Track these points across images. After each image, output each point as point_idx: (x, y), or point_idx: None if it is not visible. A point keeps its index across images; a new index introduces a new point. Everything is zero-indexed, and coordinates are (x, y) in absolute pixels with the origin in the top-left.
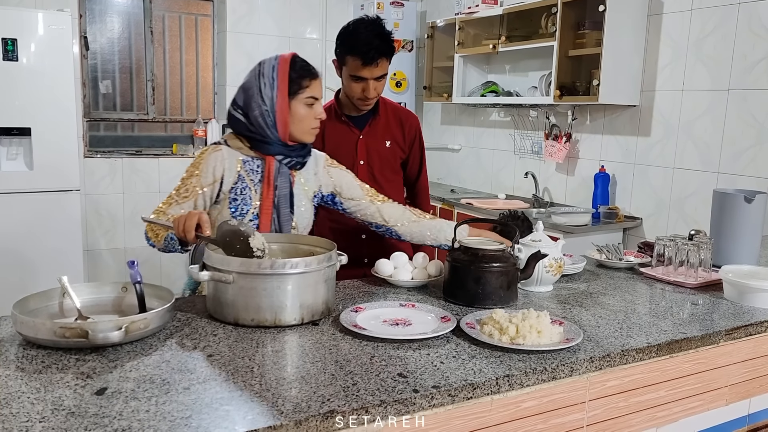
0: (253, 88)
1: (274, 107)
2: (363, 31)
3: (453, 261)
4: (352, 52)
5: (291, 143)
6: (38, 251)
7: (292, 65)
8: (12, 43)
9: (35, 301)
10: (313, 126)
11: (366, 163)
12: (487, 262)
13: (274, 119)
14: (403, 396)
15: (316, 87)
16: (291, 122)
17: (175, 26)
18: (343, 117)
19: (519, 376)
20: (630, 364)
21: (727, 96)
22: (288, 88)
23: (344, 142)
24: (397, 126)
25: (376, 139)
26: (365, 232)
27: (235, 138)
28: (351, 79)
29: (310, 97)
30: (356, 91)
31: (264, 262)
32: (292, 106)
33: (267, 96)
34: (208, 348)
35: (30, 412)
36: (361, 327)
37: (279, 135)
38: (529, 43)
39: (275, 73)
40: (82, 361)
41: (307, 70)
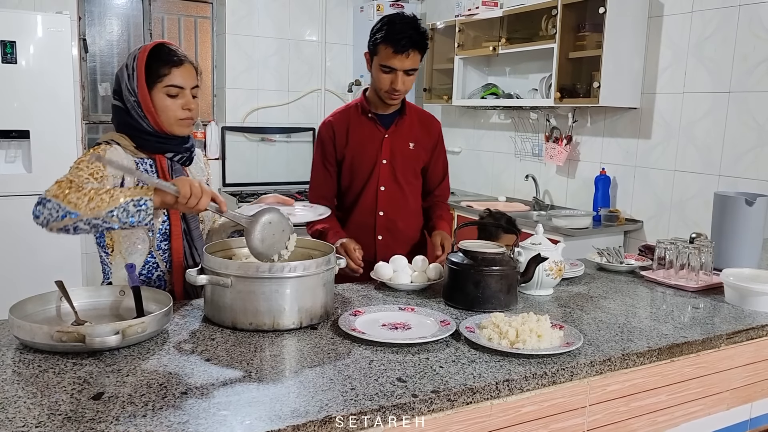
0: (122, 77)
1: (138, 99)
2: (398, 22)
3: (453, 264)
4: (384, 40)
5: (170, 135)
6: (36, 254)
7: (153, 54)
8: (11, 46)
9: (32, 304)
10: (180, 117)
11: (389, 162)
12: (487, 266)
13: (142, 110)
14: (402, 401)
15: (179, 75)
16: (156, 114)
17: (174, 28)
18: (369, 114)
19: (519, 381)
20: (631, 368)
21: (727, 98)
22: (146, 78)
23: (369, 139)
24: (421, 129)
25: (401, 140)
26: (381, 233)
27: (121, 137)
28: (381, 69)
29: (171, 86)
30: (385, 83)
31: (262, 265)
32: (153, 97)
33: (131, 87)
34: (206, 352)
35: (26, 417)
36: (360, 331)
37: (153, 127)
38: (530, 45)
39: (135, 62)
40: (79, 365)
41: (169, 58)
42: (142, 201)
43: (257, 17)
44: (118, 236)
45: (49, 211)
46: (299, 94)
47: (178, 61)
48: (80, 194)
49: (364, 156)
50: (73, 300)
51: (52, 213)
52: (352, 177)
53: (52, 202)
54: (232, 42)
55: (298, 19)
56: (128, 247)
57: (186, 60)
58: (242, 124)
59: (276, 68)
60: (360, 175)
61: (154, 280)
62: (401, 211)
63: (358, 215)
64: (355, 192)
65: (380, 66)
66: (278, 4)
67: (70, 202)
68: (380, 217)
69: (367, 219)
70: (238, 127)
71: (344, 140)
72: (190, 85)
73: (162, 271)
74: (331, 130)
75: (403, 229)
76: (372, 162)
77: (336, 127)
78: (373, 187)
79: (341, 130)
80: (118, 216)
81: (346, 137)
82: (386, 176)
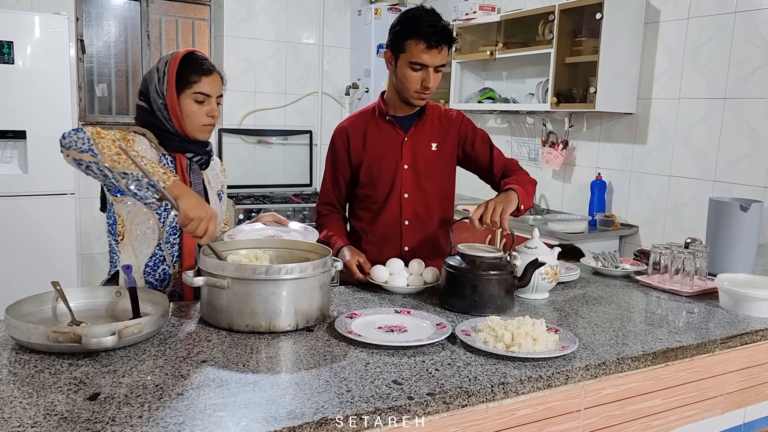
0: (152, 80)
1: (166, 102)
2: (425, 16)
3: (450, 268)
4: (415, 35)
5: (192, 139)
6: (32, 255)
7: (184, 61)
8: (8, 46)
9: (28, 305)
10: (204, 123)
11: (411, 167)
12: (485, 270)
13: (168, 113)
14: (398, 403)
15: (207, 83)
16: (182, 118)
17: (172, 30)
18: (388, 116)
19: (514, 384)
20: (626, 372)
21: (723, 104)
22: (176, 83)
23: (388, 143)
24: (441, 127)
25: (422, 142)
26: (407, 244)
27: (147, 131)
28: (410, 67)
29: (199, 93)
30: (414, 82)
31: (259, 267)
32: (181, 102)
33: (160, 90)
34: (202, 354)
35: (22, 417)
36: (356, 333)
37: (177, 129)
38: (527, 49)
39: (167, 67)
40: (75, 366)
41: (199, 67)
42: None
43: (255, 20)
44: (130, 224)
45: (77, 140)
46: (296, 97)
47: (208, 70)
48: (111, 143)
49: (383, 162)
50: (70, 301)
51: (78, 143)
52: (372, 184)
53: (85, 134)
54: (229, 44)
55: (295, 22)
56: (138, 236)
57: (215, 69)
58: (239, 126)
59: (273, 71)
60: (381, 183)
61: (159, 274)
62: (428, 219)
63: (381, 226)
64: (378, 201)
65: (409, 63)
66: (276, 7)
67: (98, 143)
68: (406, 226)
69: (392, 230)
70: (235, 129)
71: (361, 145)
72: (216, 94)
73: (167, 265)
74: (345, 135)
75: (430, 239)
76: (393, 168)
77: (351, 131)
78: (397, 194)
79: (357, 134)
80: (129, 180)
81: (362, 142)
82: (409, 182)
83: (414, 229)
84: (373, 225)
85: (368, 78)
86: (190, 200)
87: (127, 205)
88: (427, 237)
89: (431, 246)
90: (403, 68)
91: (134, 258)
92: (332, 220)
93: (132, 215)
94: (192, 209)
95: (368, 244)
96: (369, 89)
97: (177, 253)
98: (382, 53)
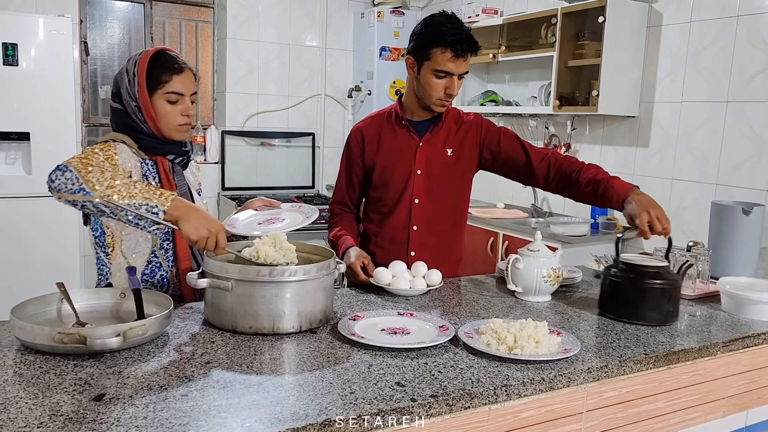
0: (122, 81)
1: (139, 104)
2: (448, 23)
3: (612, 276)
4: (441, 43)
5: (170, 139)
6: (35, 256)
7: (154, 60)
8: (12, 48)
9: (33, 306)
10: (179, 123)
11: (424, 172)
12: (649, 279)
13: (143, 115)
14: (401, 405)
15: (180, 82)
16: (157, 119)
17: (176, 32)
18: (404, 121)
19: (517, 386)
20: (628, 374)
21: (725, 108)
22: (147, 84)
23: (402, 148)
24: (458, 132)
25: (437, 148)
26: (414, 249)
27: (125, 137)
28: (434, 74)
29: (171, 93)
30: (438, 89)
31: (263, 269)
32: (154, 103)
33: (132, 92)
34: (206, 355)
35: (28, 418)
36: (359, 335)
37: (153, 131)
38: (529, 53)
39: (136, 68)
40: (80, 366)
41: (170, 65)
42: (156, 209)
43: (258, 22)
44: (120, 235)
45: (66, 181)
46: (299, 99)
47: (179, 68)
48: (100, 176)
49: (396, 166)
50: (74, 302)
51: (68, 184)
52: (384, 188)
53: (72, 173)
54: (232, 46)
55: (299, 25)
56: (130, 246)
57: (186, 67)
58: (242, 128)
59: (276, 73)
60: (393, 187)
61: (158, 280)
62: (439, 225)
63: (390, 229)
64: (388, 204)
65: (434, 71)
66: (279, 10)
67: (89, 180)
68: (414, 231)
69: (400, 234)
70: (238, 131)
71: (375, 147)
72: (190, 92)
73: (165, 270)
74: (360, 136)
75: (441, 246)
76: (406, 173)
77: (366, 133)
78: (407, 199)
79: (372, 136)
80: (127, 213)
81: (377, 144)
82: (421, 188)
83: (422, 235)
84: (381, 228)
85: (371, 80)
86: (191, 221)
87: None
88: (436, 242)
89: (440, 251)
90: (426, 75)
91: None
92: (344, 220)
93: (122, 226)
94: (194, 231)
95: (377, 247)
96: (372, 92)
97: (172, 257)
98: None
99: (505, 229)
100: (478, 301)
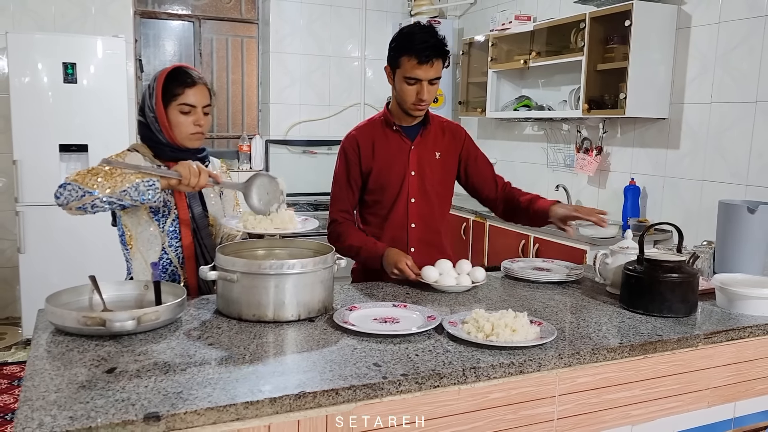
0: (145, 97)
1: (156, 115)
2: (418, 32)
3: (632, 272)
4: (407, 51)
5: (183, 147)
6: (93, 255)
7: (170, 75)
8: (72, 67)
9: (67, 295)
10: (191, 132)
11: (417, 174)
12: (666, 273)
13: (159, 125)
14: (373, 381)
15: (192, 95)
16: (171, 128)
17: (223, 48)
18: (395, 126)
19: (486, 369)
20: (601, 362)
21: (754, 108)
22: (162, 97)
23: (396, 152)
24: (445, 138)
25: (427, 150)
26: (414, 245)
27: (142, 146)
28: (405, 81)
29: (183, 104)
30: (410, 95)
31: (265, 262)
32: (169, 114)
33: (151, 105)
34: (211, 338)
35: (49, 385)
36: (350, 323)
37: (168, 140)
38: (558, 57)
39: (155, 83)
40: (101, 346)
41: (183, 79)
42: (150, 181)
43: (300, 36)
44: (135, 231)
45: (69, 192)
46: (339, 108)
47: (192, 82)
48: (96, 177)
49: (391, 169)
50: (104, 293)
51: (72, 194)
52: (381, 190)
53: (72, 185)
54: (276, 60)
55: (339, 37)
56: (144, 244)
57: (199, 81)
58: (285, 137)
59: (318, 84)
60: (389, 189)
61: (170, 274)
62: (433, 222)
63: (390, 229)
64: (386, 206)
65: (404, 78)
66: (320, 23)
67: (87, 183)
68: (412, 229)
69: (400, 233)
70: (281, 140)
71: (370, 153)
72: (202, 104)
73: (175, 266)
74: (355, 144)
75: (435, 240)
76: (401, 175)
77: (361, 140)
78: (404, 199)
79: (366, 143)
80: (130, 194)
81: (372, 150)
82: (416, 188)
83: (420, 232)
84: (381, 229)
85: None
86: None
87: (129, 214)
88: (432, 238)
89: (436, 246)
90: (399, 83)
91: (144, 263)
92: (352, 227)
93: (136, 224)
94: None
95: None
96: None
97: (181, 255)
98: None
99: (537, 232)
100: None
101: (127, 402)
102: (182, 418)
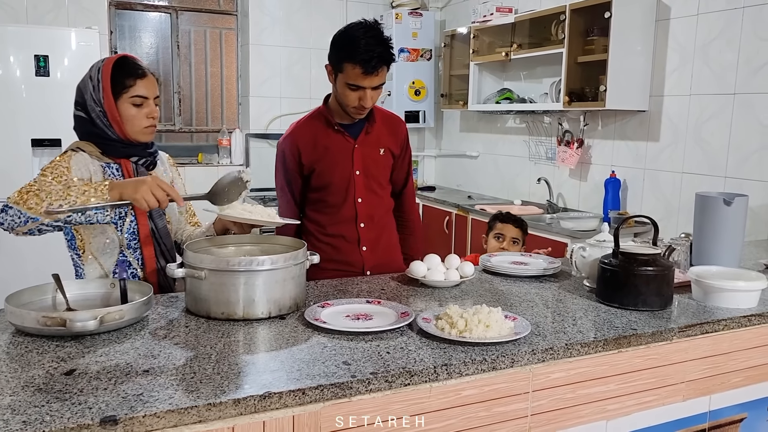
0: (86, 89)
1: (104, 108)
2: (363, 37)
3: (607, 265)
4: (351, 59)
5: (135, 142)
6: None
7: (117, 66)
8: (44, 60)
9: (29, 294)
10: (145, 125)
11: (362, 173)
12: (641, 266)
13: (108, 120)
14: (341, 380)
15: (143, 86)
16: (122, 123)
17: (201, 40)
18: (336, 126)
19: (458, 366)
20: (575, 357)
21: (732, 100)
22: (112, 89)
23: (340, 151)
24: (388, 133)
25: (371, 147)
26: (365, 244)
27: (87, 144)
28: (347, 87)
29: (136, 96)
30: (352, 100)
31: (233, 259)
32: (119, 107)
33: (97, 98)
34: (177, 338)
35: (4, 388)
36: (321, 321)
37: (118, 134)
38: (539, 50)
39: (100, 74)
40: (61, 347)
41: (134, 70)
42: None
43: (279, 28)
44: (88, 237)
45: (12, 218)
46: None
47: (143, 73)
48: (38, 199)
49: (335, 169)
50: (68, 291)
51: (15, 219)
52: (325, 190)
53: (14, 209)
54: (255, 52)
55: (319, 29)
56: (99, 248)
57: (149, 72)
58: (266, 131)
59: (298, 76)
60: (334, 189)
61: (129, 276)
62: (381, 219)
63: (338, 227)
64: (333, 205)
65: (347, 84)
66: (300, 15)
67: (30, 207)
68: (362, 228)
69: (350, 232)
70: (262, 134)
71: (311, 153)
72: (153, 95)
73: (135, 268)
74: (295, 147)
75: (385, 237)
76: (346, 175)
77: (300, 140)
78: (351, 200)
79: (307, 143)
80: (77, 217)
81: (313, 150)
82: (362, 187)
83: (370, 231)
84: (329, 226)
85: (390, 81)
86: (127, 188)
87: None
88: (384, 236)
89: (389, 244)
90: (342, 87)
91: (100, 268)
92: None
93: (88, 229)
94: (140, 197)
95: (323, 243)
96: (391, 92)
97: (140, 256)
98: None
99: None
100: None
101: (84, 405)
102: (141, 422)
